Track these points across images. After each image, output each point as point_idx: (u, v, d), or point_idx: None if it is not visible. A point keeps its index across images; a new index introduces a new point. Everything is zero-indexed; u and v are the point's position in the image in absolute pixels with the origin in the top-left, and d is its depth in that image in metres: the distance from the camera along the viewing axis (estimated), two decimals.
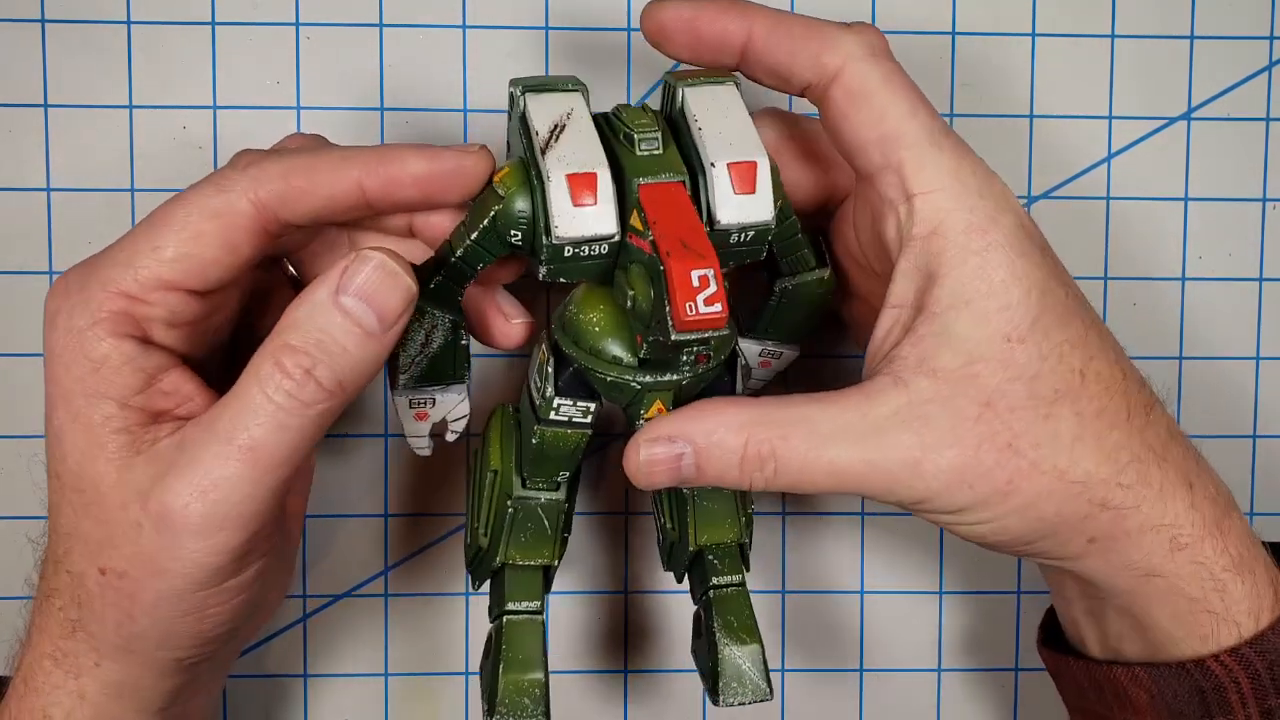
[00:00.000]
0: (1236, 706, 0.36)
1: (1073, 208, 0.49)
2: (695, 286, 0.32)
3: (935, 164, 0.35)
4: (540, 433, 0.38)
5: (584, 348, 0.37)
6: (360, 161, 0.37)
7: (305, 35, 0.47)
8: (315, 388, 0.34)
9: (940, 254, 0.35)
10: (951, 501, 0.35)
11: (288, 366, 0.34)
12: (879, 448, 0.35)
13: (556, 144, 0.35)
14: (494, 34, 0.47)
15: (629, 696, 0.50)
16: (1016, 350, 0.35)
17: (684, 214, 0.34)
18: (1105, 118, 0.48)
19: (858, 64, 0.36)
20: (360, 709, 0.49)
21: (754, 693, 0.40)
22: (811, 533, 0.50)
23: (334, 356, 0.34)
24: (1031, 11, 0.48)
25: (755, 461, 0.35)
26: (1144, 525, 0.36)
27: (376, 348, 0.35)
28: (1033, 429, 0.35)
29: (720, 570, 0.41)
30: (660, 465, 0.35)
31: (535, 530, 0.40)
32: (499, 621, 0.40)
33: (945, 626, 0.50)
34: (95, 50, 0.46)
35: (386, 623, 0.49)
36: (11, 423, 0.47)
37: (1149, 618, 0.37)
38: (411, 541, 0.49)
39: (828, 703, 0.50)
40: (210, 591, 0.36)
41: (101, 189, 0.47)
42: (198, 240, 0.36)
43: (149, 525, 0.34)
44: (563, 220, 0.35)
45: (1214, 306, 0.49)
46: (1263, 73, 0.48)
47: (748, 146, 0.36)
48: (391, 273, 0.35)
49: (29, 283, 0.47)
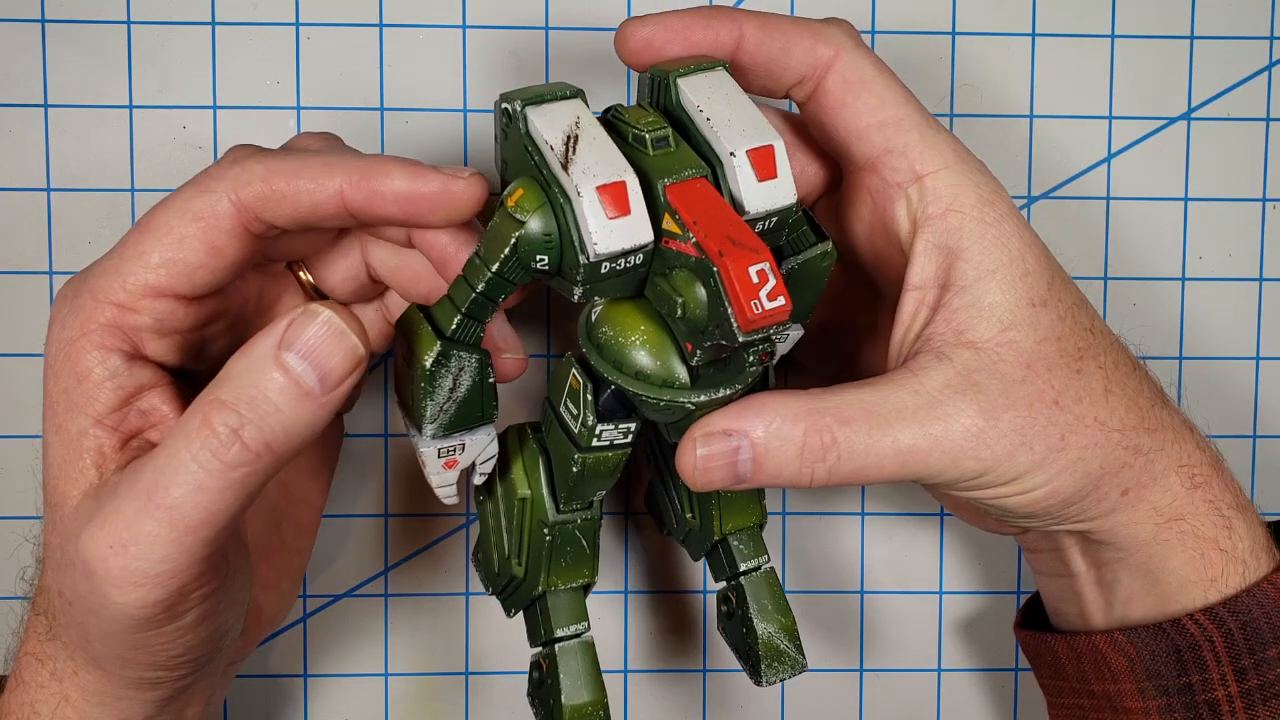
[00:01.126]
0: (1211, 664, 0.37)
1: (1073, 208, 0.49)
2: (755, 283, 0.31)
3: (939, 144, 0.36)
4: (581, 460, 0.36)
5: (628, 372, 0.35)
6: (344, 171, 0.35)
7: (305, 35, 0.47)
8: (239, 449, 0.32)
9: (959, 229, 0.36)
10: (1013, 467, 0.35)
11: (214, 424, 0.32)
12: (941, 420, 0.35)
13: (576, 156, 0.33)
14: (494, 34, 0.47)
15: (629, 697, 0.50)
16: (1041, 313, 0.36)
17: (720, 209, 0.33)
18: (1105, 118, 0.48)
19: (850, 53, 0.37)
20: (360, 709, 0.49)
21: (793, 667, 0.40)
22: (812, 532, 0.50)
23: (264, 416, 0.32)
24: (1031, 11, 0.48)
25: (816, 451, 0.34)
26: (1168, 467, 0.37)
27: (315, 411, 0.33)
28: (1071, 385, 0.36)
29: (746, 555, 0.41)
30: (717, 462, 0.34)
31: (574, 553, 0.39)
32: (550, 650, 0.39)
33: (945, 626, 0.50)
34: (95, 50, 0.46)
35: (386, 623, 0.49)
36: (12, 423, 0.47)
37: (1165, 568, 0.38)
38: (411, 541, 0.49)
39: (828, 702, 0.50)
40: (149, 634, 0.34)
41: (101, 189, 0.47)
42: (181, 244, 0.35)
43: (79, 567, 0.33)
44: (600, 235, 0.33)
45: (1214, 306, 0.49)
46: (1263, 73, 0.48)
47: (761, 130, 0.35)
48: (338, 332, 0.33)
49: (29, 283, 0.47)
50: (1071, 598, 0.41)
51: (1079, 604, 0.40)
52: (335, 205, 0.35)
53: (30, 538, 0.39)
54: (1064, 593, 0.41)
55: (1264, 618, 0.37)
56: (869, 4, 0.47)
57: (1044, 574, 0.42)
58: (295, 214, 0.35)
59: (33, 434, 0.47)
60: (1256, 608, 0.37)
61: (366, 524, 0.48)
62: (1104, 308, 0.49)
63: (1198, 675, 0.37)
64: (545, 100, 0.35)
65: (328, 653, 0.49)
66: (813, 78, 0.37)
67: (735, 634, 0.41)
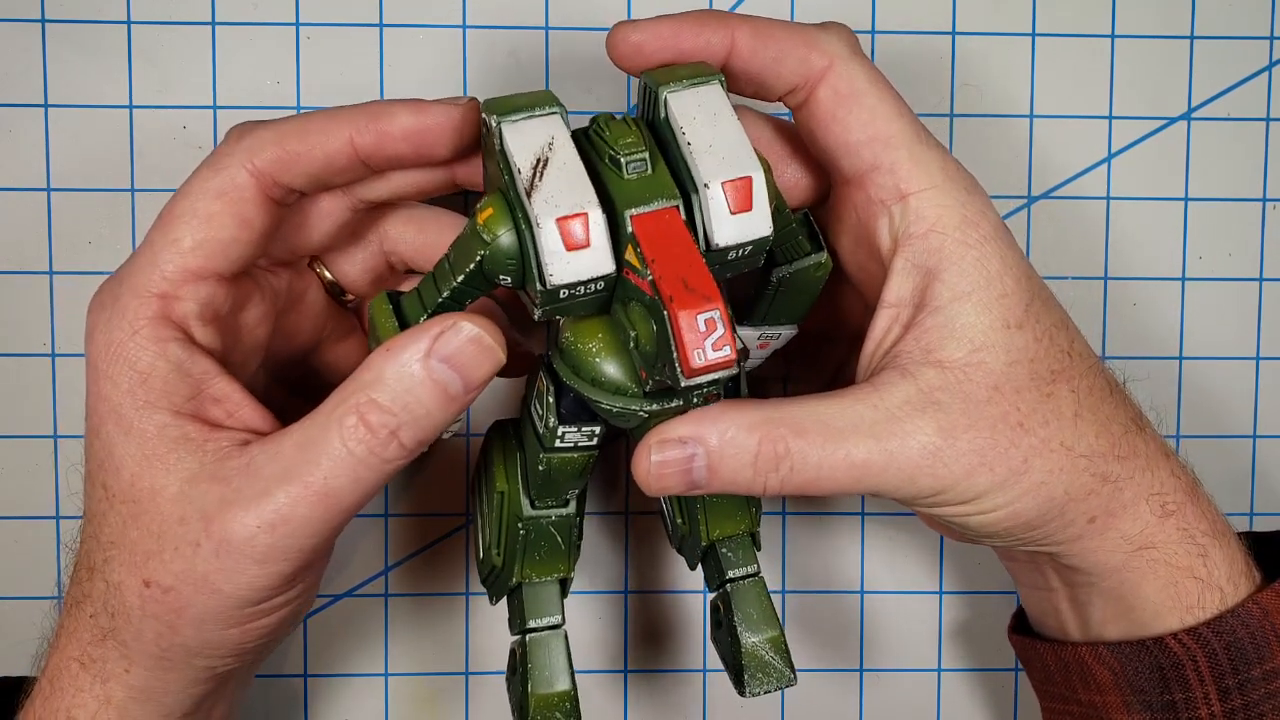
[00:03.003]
0: (1195, 684, 0.37)
1: (1073, 208, 0.48)
2: (702, 331, 0.31)
3: (926, 163, 0.36)
4: (547, 460, 0.38)
5: (585, 377, 0.36)
6: (350, 119, 0.36)
7: (305, 35, 0.47)
8: (398, 447, 0.35)
9: (939, 250, 0.35)
10: (971, 487, 0.35)
11: (373, 424, 0.34)
12: (897, 436, 0.34)
13: (542, 183, 0.33)
14: (494, 34, 0.47)
15: (629, 697, 0.50)
16: (1015, 335, 0.35)
17: (682, 248, 0.33)
18: (1105, 118, 0.48)
19: (844, 63, 0.36)
20: (360, 709, 0.49)
21: (779, 680, 0.40)
22: (812, 532, 0.50)
23: (418, 419, 0.34)
24: (1031, 11, 0.48)
25: (770, 461, 0.34)
26: (1137, 495, 0.37)
27: (457, 410, 0.35)
28: (1039, 408, 0.35)
29: (734, 562, 0.41)
30: (671, 468, 0.35)
31: (549, 547, 0.40)
32: (521, 639, 0.40)
33: (945, 626, 0.50)
34: (95, 50, 0.46)
35: (386, 623, 0.49)
36: (13, 423, 0.47)
37: (1138, 595, 0.37)
38: (411, 541, 0.49)
39: (828, 702, 0.50)
40: (257, 608, 0.36)
41: (101, 189, 0.47)
42: (210, 222, 0.36)
43: (208, 546, 0.34)
44: (556, 266, 0.33)
45: (1214, 306, 0.49)
46: (1263, 73, 0.48)
47: (741, 159, 0.34)
48: (487, 348, 0.35)
49: (29, 283, 0.47)
50: (1050, 611, 0.41)
51: (1057, 618, 0.40)
52: (347, 154, 0.36)
53: (68, 544, 0.39)
54: (1043, 605, 0.41)
55: (1248, 637, 0.37)
56: (869, 4, 0.47)
57: (1024, 584, 0.42)
58: (311, 170, 0.36)
59: (33, 434, 0.47)
60: (1241, 627, 0.37)
61: (366, 524, 0.49)
62: (1104, 308, 0.49)
63: (1180, 693, 0.37)
64: (522, 114, 0.34)
65: (328, 653, 0.49)
66: (805, 87, 0.37)
67: (724, 643, 0.41)
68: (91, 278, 0.47)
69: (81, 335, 0.36)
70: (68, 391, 0.47)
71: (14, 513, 0.47)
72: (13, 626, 0.47)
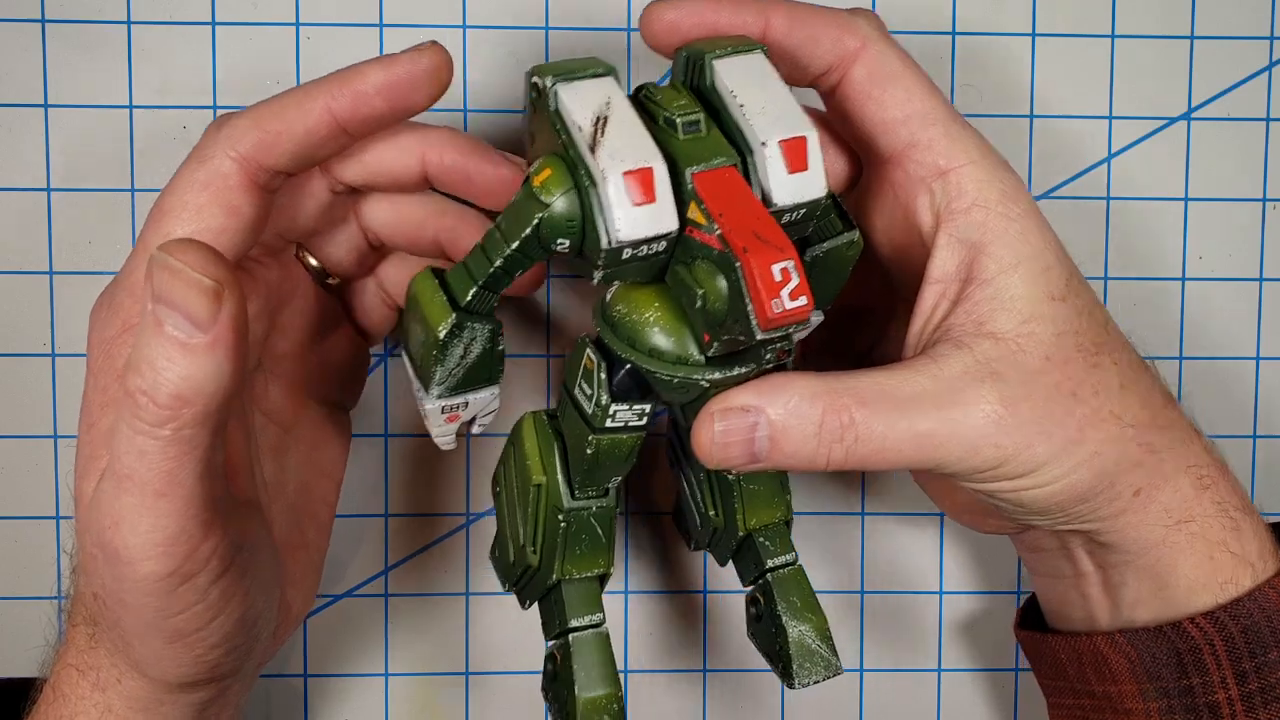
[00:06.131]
0: (1212, 668, 0.37)
1: (1073, 208, 0.49)
2: (778, 281, 0.31)
3: (963, 139, 0.37)
4: (595, 442, 0.36)
5: (642, 349, 0.35)
6: (323, 88, 0.36)
7: (305, 35, 0.47)
8: (154, 409, 0.31)
9: (984, 224, 0.36)
10: (1032, 458, 0.35)
11: (130, 389, 0.32)
12: (960, 405, 0.34)
13: (604, 139, 0.33)
14: (494, 34, 0.47)
15: (629, 697, 0.50)
16: (1060, 307, 0.36)
17: (748, 202, 0.33)
18: (1105, 118, 0.48)
19: (877, 44, 0.37)
20: (360, 709, 0.49)
21: (826, 669, 0.39)
22: (812, 532, 0.49)
23: (160, 372, 0.31)
24: (1031, 11, 0.48)
25: (835, 432, 0.34)
26: (1177, 467, 0.37)
27: (206, 358, 0.31)
28: (1089, 377, 0.36)
29: (773, 551, 0.40)
30: (734, 437, 0.34)
31: (590, 541, 0.38)
32: (564, 641, 0.38)
33: (945, 626, 0.50)
34: (95, 50, 0.46)
35: (386, 623, 0.49)
36: (14, 423, 0.47)
37: (1174, 571, 0.37)
38: (411, 541, 0.49)
39: (828, 702, 0.50)
40: (180, 617, 0.34)
41: (101, 189, 0.47)
42: (199, 214, 0.35)
43: (101, 557, 0.34)
44: (624, 222, 0.32)
45: (1214, 306, 0.49)
46: (1263, 73, 0.48)
47: (794, 120, 0.34)
48: (185, 279, 0.31)
49: (29, 283, 0.47)
50: (1076, 600, 0.41)
51: (1085, 606, 0.40)
52: (327, 123, 0.36)
53: (67, 550, 0.39)
54: (1067, 594, 0.41)
55: (1265, 621, 0.37)
56: (868, 4, 0.47)
57: (1043, 575, 0.42)
58: (292, 148, 0.36)
59: (34, 434, 0.47)
60: (1258, 611, 0.37)
61: (366, 524, 0.48)
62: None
63: (1198, 678, 0.37)
64: (576, 77, 0.34)
65: (328, 653, 0.49)
66: (839, 68, 0.37)
67: (765, 636, 0.40)
68: (91, 278, 0.47)
69: (81, 335, 0.36)
70: (68, 391, 0.47)
71: (14, 513, 0.47)
72: (13, 626, 0.47)
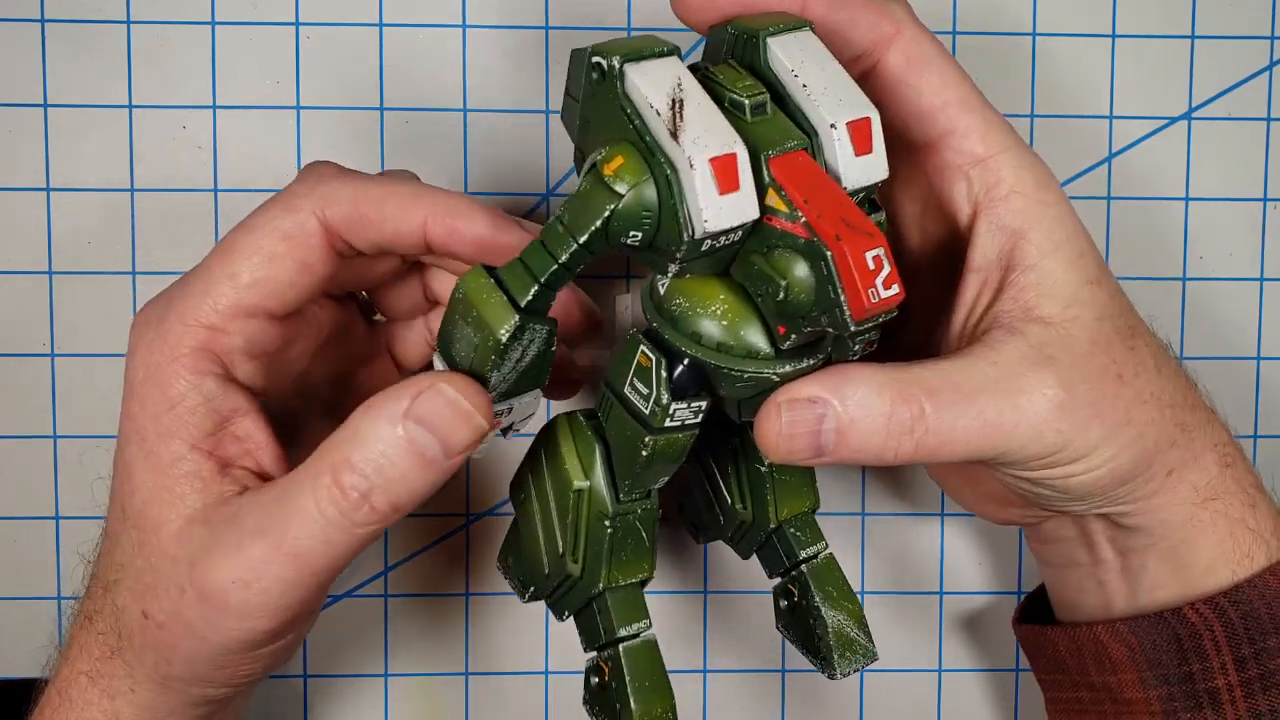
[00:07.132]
0: (1211, 653, 0.37)
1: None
2: (872, 270, 0.30)
3: (998, 126, 0.37)
4: (652, 443, 0.34)
5: (708, 345, 0.33)
6: (429, 205, 0.36)
7: (305, 35, 0.47)
8: (368, 511, 0.33)
9: (1023, 210, 0.36)
10: (1086, 441, 0.35)
11: (345, 485, 0.33)
12: (1024, 392, 0.34)
13: (685, 123, 0.31)
14: (494, 34, 0.47)
15: None
16: (1097, 291, 0.36)
17: (828, 188, 0.31)
18: (1106, 117, 0.48)
19: (911, 29, 0.36)
20: (360, 709, 0.49)
21: (865, 656, 0.38)
22: None
23: (392, 483, 0.33)
24: (1032, 11, 0.48)
25: (905, 424, 0.33)
26: (1205, 446, 0.38)
27: (437, 476, 0.34)
28: (1130, 359, 0.36)
29: (804, 542, 0.40)
30: (802, 430, 0.33)
31: (635, 545, 0.36)
32: (613, 651, 0.36)
33: (945, 626, 0.50)
34: (95, 50, 0.46)
35: (386, 623, 0.49)
36: (14, 423, 0.47)
37: (1195, 551, 0.38)
38: (411, 541, 0.49)
39: (828, 702, 0.50)
40: (245, 656, 0.36)
41: (101, 189, 0.47)
42: (272, 263, 0.35)
43: (191, 593, 0.34)
44: (712, 212, 0.30)
45: (1214, 306, 0.49)
46: (1263, 73, 0.48)
47: (857, 101, 0.33)
48: (464, 413, 0.33)
49: (29, 283, 0.47)
50: (1092, 588, 0.41)
51: (1101, 593, 0.40)
52: (416, 237, 0.36)
53: (84, 555, 0.39)
54: (1082, 583, 0.41)
55: (1264, 607, 0.37)
56: None
57: (1057, 565, 0.42)
58: (378, 239, 0.36)
59: (34, 434, 0.47)
60: (1257, 597, 0.37)
61: None
62: None
63: (1198, 664, 0.37)
64: (643, 56, 0.32)
65: (328, 653, 0.49)
66: (874, 53, 0.36)
67: (800, 627, 0.39)
68: (91, 278, 0.47)
69: (81, 335, 0.36)
70: (67, 391, 0.47)
71: (14, 513, 0.47)
72: (13, 626, 0.47)
